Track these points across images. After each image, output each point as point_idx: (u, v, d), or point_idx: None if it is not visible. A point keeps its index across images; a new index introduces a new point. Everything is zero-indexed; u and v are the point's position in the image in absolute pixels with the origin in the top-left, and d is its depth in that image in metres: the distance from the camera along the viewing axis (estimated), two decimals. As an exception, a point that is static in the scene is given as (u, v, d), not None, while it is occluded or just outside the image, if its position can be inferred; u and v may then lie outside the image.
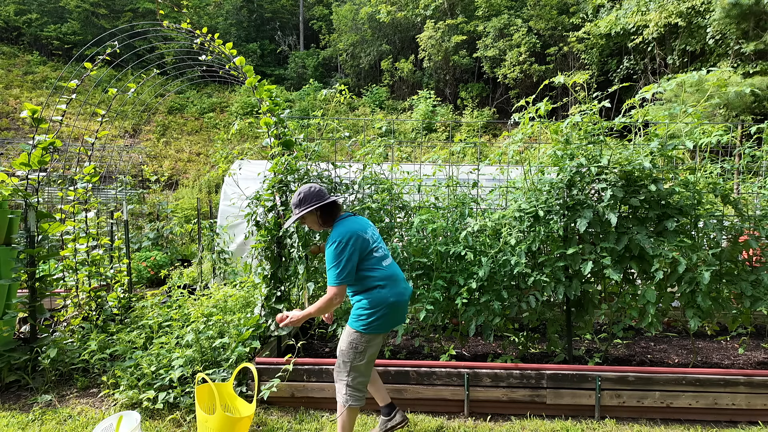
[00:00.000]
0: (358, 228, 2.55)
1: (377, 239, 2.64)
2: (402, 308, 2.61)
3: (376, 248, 2.59)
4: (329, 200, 2.59)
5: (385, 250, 2.66)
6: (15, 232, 3.91)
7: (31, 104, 3.73)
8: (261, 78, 3.73)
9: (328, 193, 2.70)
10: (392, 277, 2.58)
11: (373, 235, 2.63)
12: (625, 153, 3.29)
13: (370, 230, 2.64)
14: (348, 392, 2.56)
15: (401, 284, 2.63)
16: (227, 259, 5.61)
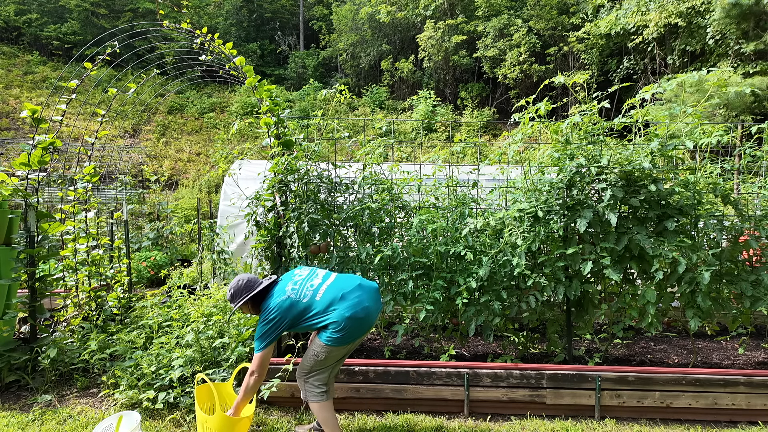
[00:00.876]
0: (278, 296, 2.68)
1: (300, 283, 2.70)
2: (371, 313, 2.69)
3: (302, 294, 2.65)
4: (257, 291, 2.73)
5: (315, 284, 2.70)
6: (15, 232, 3.91)
7: (31, 104, 3.73)
8: (261, 78, 3.73)
9: (251, 285, 2.75)
10: (336, 299, 2.63)
11: (294, 286, 2.69)
12: (625, 153, 3.29)
13: (288, 286, 2.70)
14: (308, 388, 2.74)
15: (361, 292, 2.69)
16: (227, 259, 5.60)
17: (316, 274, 2.80)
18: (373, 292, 2.73)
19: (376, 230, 3.63)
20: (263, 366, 2.65)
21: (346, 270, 3.51)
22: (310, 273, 2.80)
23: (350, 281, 2.72)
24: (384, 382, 3.25)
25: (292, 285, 2.71)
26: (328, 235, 3.55)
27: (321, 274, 2.79)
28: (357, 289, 2.68)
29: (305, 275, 2.78)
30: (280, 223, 3.61)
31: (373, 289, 2.76)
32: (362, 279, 2.78)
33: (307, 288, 2.68)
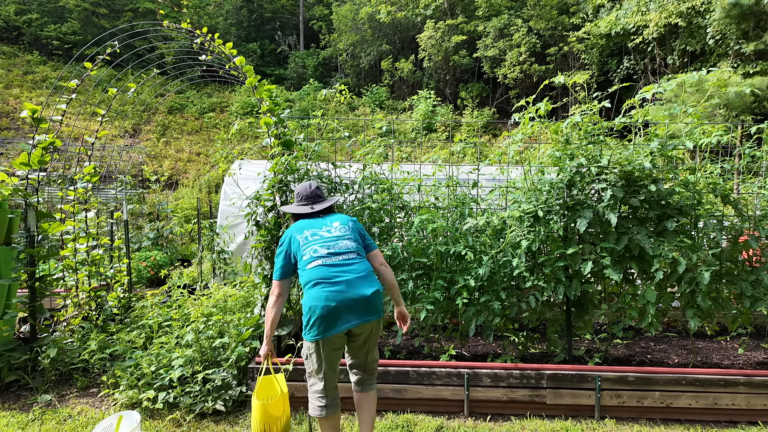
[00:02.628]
0: (294, 230, 2.60)
1: (313, 241, 2.50)
2: (348, 307, 2.38)
3: (304, 251, 2.47)
4: (294, 211, 2.71)
5: (322, 249, 2.47)
6: (15, 232, 3.91)
7: (31, 104, 3.73)
8: (261, 78, 3.73)
9: (298, 202, 2.72)
10: (312, 280, 2.40)
11: (309, 237, 2.51)
12: (625, 153, 3.29)
13: (309, 231, 2.54)
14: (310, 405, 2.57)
15: (340, 287, 2.39)
16: (227, 258, 5.61)
17: (330, 244, 2.49)
18: (360, 300, 2.38)
19: (376, 230, 3.63)
20: (278, 289, 2.53)
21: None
22: (330, 239, 2.51)
23: (342, 275, 2.40)
24: (384, 382, 3.25)
25: (310, 234, 2.52)
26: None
27: (334, 247, 2.48)
28: (341, 285, 2.38)
29: (327, 237, 2.52)
30: (280, 223, 3.61)
31: (363, 296, 2.39)
32: (361, 281, 2.41)
33: (311, 249, 2.47)
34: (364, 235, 2.69)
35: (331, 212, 2.74)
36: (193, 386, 3.25)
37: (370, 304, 2.43)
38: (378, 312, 2.48)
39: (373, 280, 2.49)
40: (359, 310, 2.39)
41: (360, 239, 2.62)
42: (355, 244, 2.56)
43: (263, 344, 2.63)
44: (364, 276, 2.45)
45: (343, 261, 2.47)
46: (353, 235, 2.59)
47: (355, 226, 2.67)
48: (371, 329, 2.51)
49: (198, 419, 3.15)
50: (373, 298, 2.44)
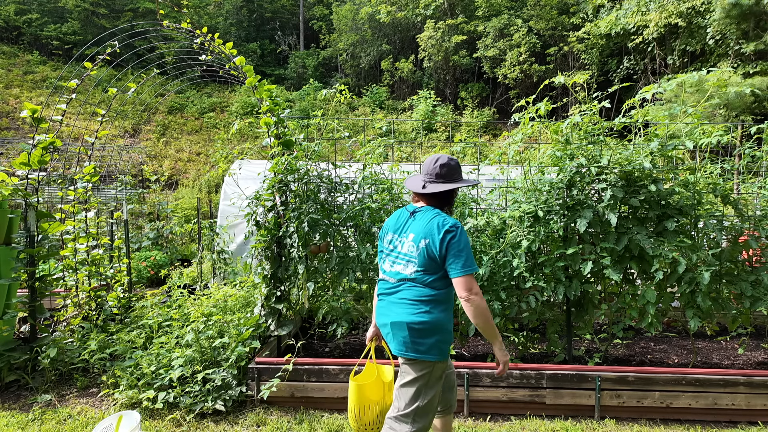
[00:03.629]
0: (387, 223, 2.31)
1: (387, 251, 2.25)
2: (383, 328, 2.20)
3: (383, 258, 2.26)
4: (408, 184, 2.30)
5: (386, 265, 2.24)
6: (15, 232, 3.92)
7: (31, 104, 3.73)
8: (261, 78, 3.73)
9: (434, 178, 2.20)
10: (380, 294, 2.25)
11: (388, 244, 2.25)
12: (625, 153, 3.29)
13: (392, 235, 2.24)
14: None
15: (381, 305, 2.22)
16: (227, 258, 5.61)
17: (393, 263, 2.18)
18: (383, 327, 2.19)
19: (376, 230, 3.63)
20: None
21: (346, 269, 3.51)
22: (398, 254, 2.17)
23: (385, 297, 2.20)
24: (384, 382, 3.25)
25: (389, 241, 2.23)
26: (328, 235, 3.55)
27: (394, 266, 2.18)
28: (382, 303, 2.22)
29: (396, 251, 2.19)
30: (280, 223, 3.61)
31: (383, 323, 2.18)
32: (393, 306, 2.14)
33: (382, 260, 2.26)
34: (446, 255, 2.03)
35: (438, 200, 2.21)
36: (193, 386, 3.25)
37: (394, 332, 2.11)
38: (407, 348, 2.06)
39: (411, 311, 2.07)
40: (387, 335, 2.17)
41: (430, 264, 2.07)
42: (415, 270, 2.09)
43: (370, 327, 2.37)
44: (401, 304, 2.11)
45: (391, 286, 2.18)
46: (419, 260, 2.07)
47: (429, 249, 2.05)
48: (404, 362, 2.11)
49: (198, 419, 3.15)
50: (396, 328, 2.09)
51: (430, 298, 2.07)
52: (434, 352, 2.05)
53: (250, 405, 3.32)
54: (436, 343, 2.06)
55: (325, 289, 3.79)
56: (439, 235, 2.03)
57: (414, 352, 2.05)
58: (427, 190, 2.13)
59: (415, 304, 2.07)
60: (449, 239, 2.02)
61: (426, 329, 2.04)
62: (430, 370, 2.07)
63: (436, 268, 2.07)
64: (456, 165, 2.20)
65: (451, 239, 2.02)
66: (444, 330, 2.10)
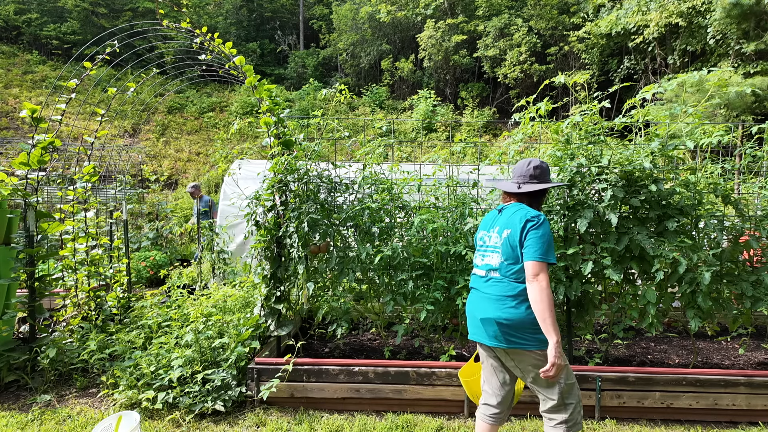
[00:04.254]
0: (482, 223, 2.46)
1: (479, 247, 2.39)
2: (470, 320, 2.34)
3: (476, 253, 2.41)
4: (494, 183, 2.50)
5: (477, 259, 2.37)
6: (14, 232, 3.91)
7: (30, 103, 3.72)
8: (261, 77, 3.72)
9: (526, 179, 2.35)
10: (472, 288, 2.38)
11: (478, 240, 2.41)
12: (625, 153, 3.29)
13: (482, 233, 2.39)
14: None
15: (472, 297, 2.36)
16: (227, 258, 5.60)
17: (483, 256, 2.33)
18: (475, 321, 2.30)
19: (376, 230, 3.62)
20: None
21: (346, 269, 3.50)
22: (487, 248, 2.32)
23: (475, 292, 2.34)
24: (384, 383, 3.25)
25: (480, 237, 2.40)
26: (328, 235, 3.54)
27: (484, 259, 2.32)
28: (472, 297, 2.35)
29: (485, 246, 2.34)
30: (279, 222, 3.60)
31: (475, 318, 2.29)
32: (483, 302, 2.26)
33: (475, 255, 2.41)
34: (524, 241, 2.16)
35: (530, 199, 2.34)
36: (193, 386, 3.24)
37: (484, 327, 2.23)
38: (499, 340, 2.18)
39: (498, 307, 2.18)
40: (479, 329, 2.27)
41: (512, 252, 2.19)
42: (501, 261, 2.23)
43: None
44: (488, 299, 2.24)
45: (482, 280, 2.32)
46: (503, 249, 2.22)
47: (511, 238, 2.19)
48: (504, 354, 2.24)
49: (197, 419, 3.14)
50: (485, 324, 2.22)
51: (515, 293, 2.16)
52: (533, 341, 2.15)
53: (249, 405, 3.32)
54: (529, 335, 2.15)
55: (325, 289, 3.78)
56: (521, 224, 2.17)
57: (507, 343, 2.16)
58: (522, 189, 2.30)
59: (501, 300, 2.18)
60: (530, 227, 2.15)
61: (513, 324, 2.14)
62: (541, 357, 2.14)
63: (517, 258, 2.18)
64: (546, 167, 2.38)
65: (531, 227, 2.15)
66: (532, 324, 2.13)
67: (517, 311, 2.15)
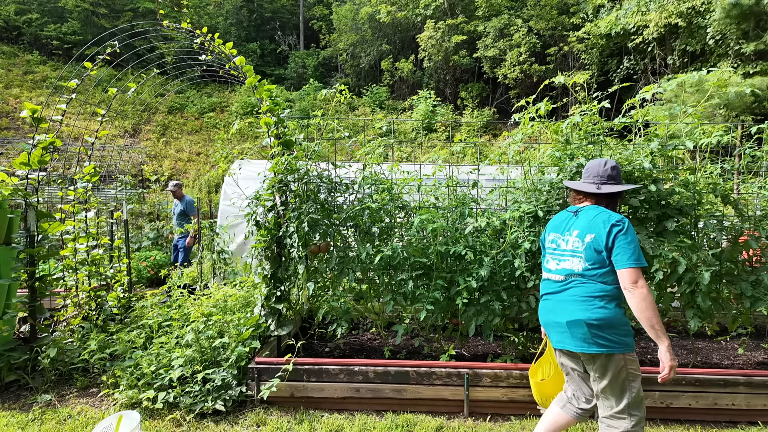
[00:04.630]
0: (550, 225, 2.46)
1: (551, 250, 2.38)
2: (552, 327, 2.31)
3: (546, 257, 2.40)
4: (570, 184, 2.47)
5: (549, 263, 2.37)
6: (15, 232, 3.91)
7: (31, 104, 3.73)
8: (261, 78, 3.73)
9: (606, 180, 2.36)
10: (544, 294, 2.36)
11: (551, 243, 2.39)
12: (625, 153, 3.29)
13: (554, 235, 2.37)
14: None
15: (548, 304, 2.33)
16: (227, 258, 5.61)
17: (559, 260, 2.30)
18: (555, 326, 2.26)
19: (376, 230, 3.63)
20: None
21: (346, 269, 3.51)
22: (562, 252, 2.30)
23: (553, 296, 2.30)
24: (384, 382, 3.26)
25: (551, 240, 2.38)
26: (328, 235, 3.55)
27: (561, 263, 2.29)
28: (549, 301, 2.32)
29: (561, 249, 2.31)
30: (280, 222, 3.61)
31: (557, 322, 2.25)
32: (565, 305, 2.22)
33: (546, 260, 2.40)
34: (613, 247, 2.12)
35: (608, 200, 2.33)
36: (193, 386, 3.25)
37: (571, 331, 2.18)
38: (588, 344, 2.13)
39: (586, 308, 2.14)
40: (563, 334, 2.23)
41: (597, 257, 2.16)
42: (584, 265, 2.19)
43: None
44: (572, 301, 2.19)
45: (560, 285, 2.27)
46: (586, 254, 2.18)
47: (595, 242, 2.16)
48: (589, 359, 2.19)
49: (198, 419, 3.15)
50: (573, 327, 2.17)
51: (603, 293, 2.14)
52: (620, 344, 2.11)
53: (250, 405, 3.32)
54: (617, 336, 2.12)
55: (325, 289, 3.79)
56: (606, 228, 2.13)
57: (597, 346, 2.11)
58: (602, 190, 2.27)
59: (589, 300, 2.14)
60: (616, 232, 2.11)
61: (603, 325, 2.10)
62: (623, 362, 2.12)
63: (603, 262, 2.14)
64: (620, 168, 2.39)
65: (618, 232, 2.12)
66: (622, 323, 2.14)
67: (607, 311, 2.12)
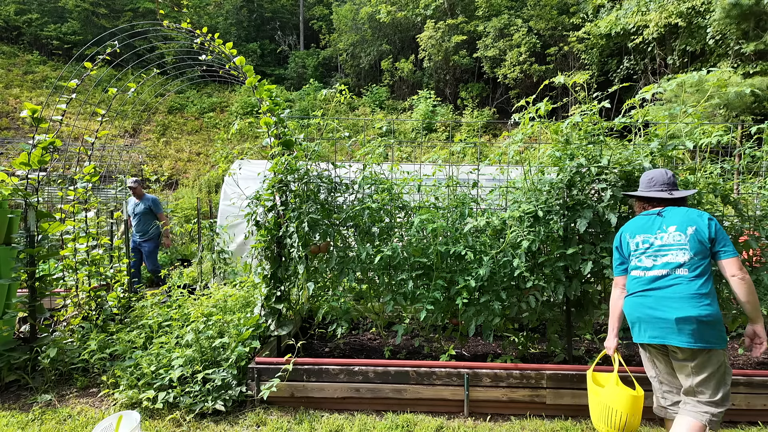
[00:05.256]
0: (628, 230, 2.55)
1: (641, 250, 2.45)
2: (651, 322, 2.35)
3: (631, 258, 2.48)
4: (638, 194, 2.62)
5: (642, 261, 2.43)
6: (15, 232, 3.91)
7: (31, 104, 3.73)
8: (261, 78, 3.73)
9: (650, 186, 2.56)
10: (640, 291, 2.40)
11: (640, 243, 2.46)
12: (625, 153, 3.29)
13: (642, 236, 2.46)
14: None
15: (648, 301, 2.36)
16: (227, 258, 5.61)
17: (661, 253, 2.36)
18: (662, 322, 2.30)
19: (376, 230, 3.63)
20: (620, 282, 2.57)
21: (346, 269, 3.51)
22: (659, 248, 2.38)
23: (654, 292, 2.35)
24: (384, 382, 3.26)
25: (641, 241, 2.45)
26: (328, 234, 3.55)
27: (660, 260, 2.36)
28: (650, 298, 2.35)
29: (656, 246, 2.39)
30: (280, 222, 3.61)
31: (664, 319, 2.29)
32: (673, 302, 2.28)
33: (637, 259, 2.46)
34: (716, 239, 2.30)
35: (679, 204, 2.51)
36: (193, 386, 3.25)
37: (679, 327, 2.25)
38: (695, 340, 2.22)
39: (695, 305, 2.24)
40: (668, 330, 2.29)
41: (700, 248, 2.29)
42: (690, 257, 2.29)
43: (610, 337, 2.65)
44: (680, 299, 2.27)
45: (664, 281, 2.33)
46: (690, 245, 2.31)
47: (698, 234, 2.31)
48: (690, 355, 2.28)
49: (198, 419, 3.15)
50: (682, 323, 2.24)
51: (708, 291, 2.27)
52: (722, 340, 2.26)
53: (250, 405, 3.32)
54: (721, 333, 2.27)
55: (325, 289, 3.79)
56: (704, 221, 2.34)
57: (703, 342, 2.23)
58: (676, 195, 2.50)
59: (697, 298, 2.25)
60: (715, 225, 2.33)
61: (712, 321, 2.24)
62: (723, 358, 2.30)
63: (705, 253, 2.31)
64: None
65: (716, 225, 2.33)
66: (722, 320, 2.30)
67: (713, 308, 2.25)
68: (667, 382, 2.50)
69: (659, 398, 2.56)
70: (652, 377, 2.57)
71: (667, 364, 2.47)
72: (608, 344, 2.67)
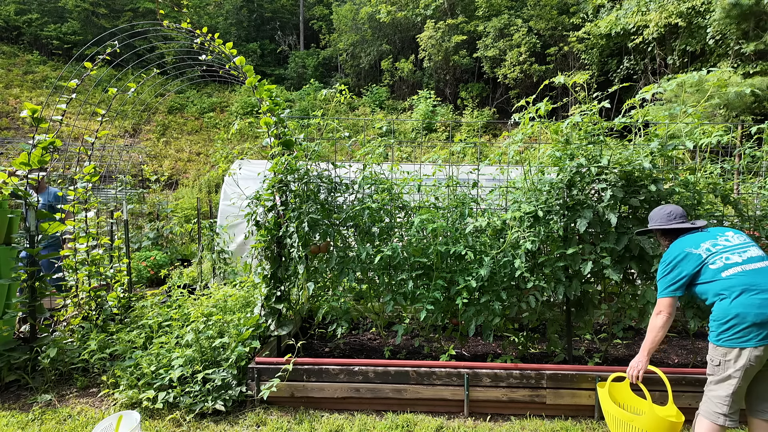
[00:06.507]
0: (686, 245, 2.57)
1: (719, 251, 2.49)
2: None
3: (713, 261, 2.48)
4: (668, 226, 2.70)
5: (729, 258, 2.46)
6: (15, 232, 3.91)
7: (31, 104, 3.73)
8: (261, 78, 3.73)
9: (671, 219, 2.71)
10: (735, 287, 2.38)
11: (711, 247, 2.51)
12: (625, 153, 3.29)
13: (707, 243, 2.54)
14: (703, 408, 2.48)
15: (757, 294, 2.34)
16: (227, 258, 5.61)
17: (741, 249, 2.47)
18: None
19: (376, 230, 3.63)
20: (668, 308, 2.59)
21: (346, 269, 3.51)
22: (736, 246, 2.49)
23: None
24: (384, 382, 3.26)
25: (711, 245, 2.51)
26: (328, 234, 3.55)
27: (746, 255, 2.45)
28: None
29: (732, 245, 2.50)
30: (280, 222, 3.61)
31: None
32: None
33: (720, 258, 2.46)
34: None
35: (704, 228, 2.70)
36: (193, 386, 3.25)
37: None
38: None
39: None
40: None
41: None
42: (762, 251, 2.49)
43: (641, 357, 2.70)
44: None
45: (764, 268, 2.40)
46: (755, 243, 2.55)
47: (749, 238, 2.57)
48: None
49: (198, 419, 3.15)
50: None
51: None
52: None
53: (250, 405, 3.32)
54: None
55: (325, 289, 3.79)
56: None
57: None
58: (699, 224, 2.69)
59: None
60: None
61: None
62: None
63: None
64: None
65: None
66: None
67: None
68: (741, 398, 2.42)
69: (724, 419, 2.40)
70: (729, 395, 2.39)
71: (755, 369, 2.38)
72: (642, 366, 2.66)
